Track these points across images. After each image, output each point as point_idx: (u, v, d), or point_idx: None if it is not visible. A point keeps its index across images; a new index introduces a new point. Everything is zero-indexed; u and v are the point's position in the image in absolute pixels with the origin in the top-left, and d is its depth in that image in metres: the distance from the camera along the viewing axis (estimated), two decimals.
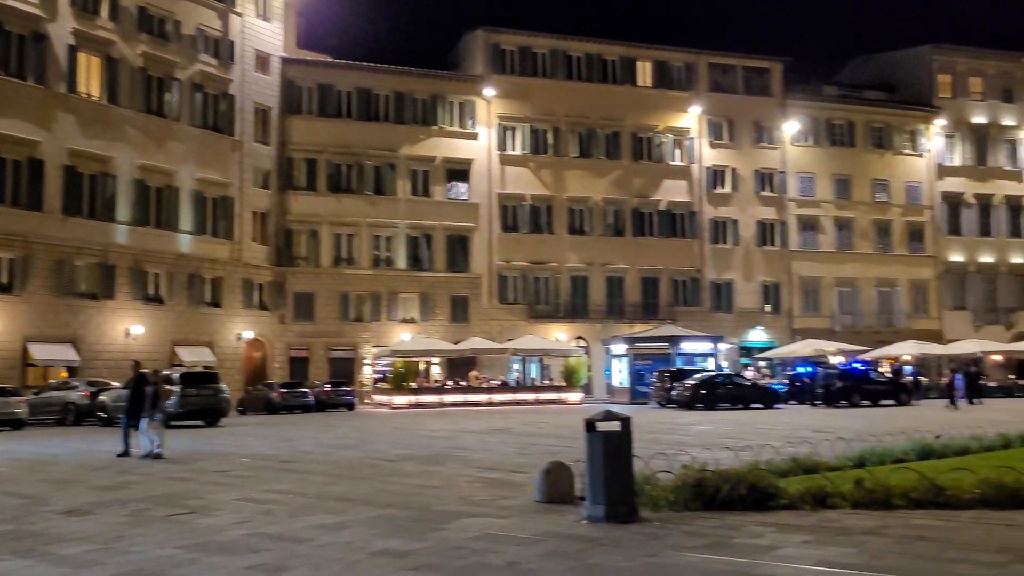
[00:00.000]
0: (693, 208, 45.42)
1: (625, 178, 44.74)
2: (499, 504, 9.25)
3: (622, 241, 44.32)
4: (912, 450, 12.74)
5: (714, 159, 46.09)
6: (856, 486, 8.97)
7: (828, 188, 47.65)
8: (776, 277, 46.19)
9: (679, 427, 21.76)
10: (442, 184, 42.83)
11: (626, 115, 44.95)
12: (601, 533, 7.46)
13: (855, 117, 48.53)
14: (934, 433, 15.06)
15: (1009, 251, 49.92)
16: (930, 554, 6.38)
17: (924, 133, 49.43)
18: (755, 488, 8.75)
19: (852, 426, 20.92)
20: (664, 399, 33.03)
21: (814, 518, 8.01)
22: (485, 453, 15.21)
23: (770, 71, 47.49)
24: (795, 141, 47.28)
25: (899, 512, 8.26)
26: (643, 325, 42.36)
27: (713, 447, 14.72)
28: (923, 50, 50.68)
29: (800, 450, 12.75)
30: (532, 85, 44.21)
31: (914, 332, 45.87)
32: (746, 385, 32.96)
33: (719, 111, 46.26)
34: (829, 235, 47.41)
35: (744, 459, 11.66)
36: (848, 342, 42.58)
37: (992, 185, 50.17)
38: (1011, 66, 51.17)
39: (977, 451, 13.31)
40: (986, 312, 48.96)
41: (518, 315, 42.66)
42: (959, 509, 8.29)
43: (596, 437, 8.22)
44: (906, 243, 48.56)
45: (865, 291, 47.40)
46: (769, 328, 45.52)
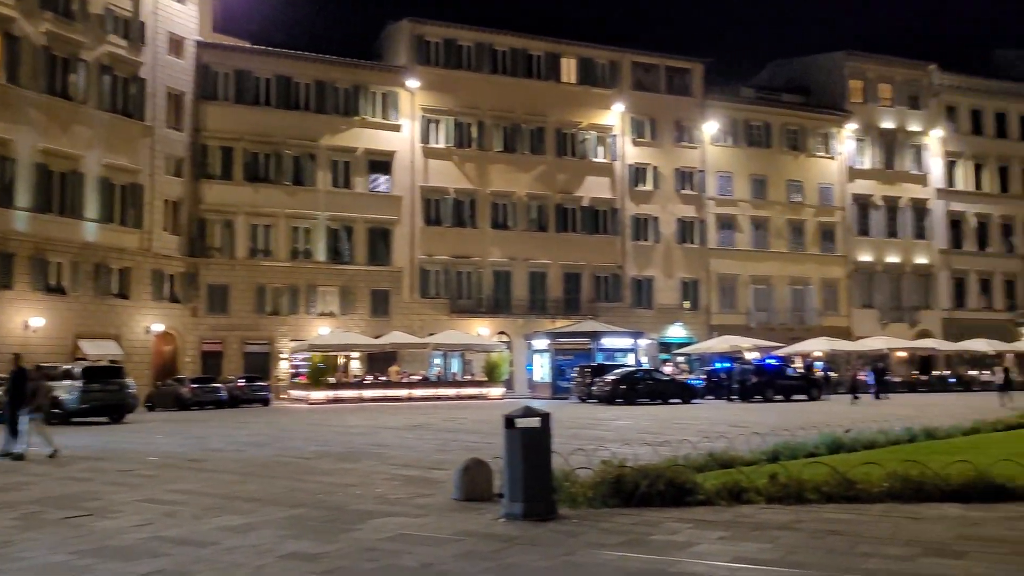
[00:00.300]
0: (615, 205, 45.86)
1: (549, 174, 44.87)
2: (416, 503, 9.04)
3: (545, 236, 44.44)
4: (823, 444, 12.99)
5: (636, 157, 46.62)
6: (770, 481, 9.06)
7: (745, 188, 48.78)
8: (695, 274, 47.07)
9: (599, 422, 21.88)
10: (364, 176, 42.11)
11: (550, 111, 45.07)
12: (519, 532, 7.32)
13: (772, 119, 49.79)
14: (844, 427, 15.44)
15: (913, 252, 52.06)
16: (842, 548, 6.43)
17: (836, 136, 51.06)
18: (673, 484, 8.75)
19: (766, 421, 21.37)
20: (585, 394, 33.24)
21: (730, 513, 8.04)
22: (403, 450, 14.94)
23: (691, 71, 48.29)
24: (714, 141, 48.24)
25: (812, 506, 8.37)
26: (565, 320, 42.60)
27: (632, 442, 14.80)
28: (836, 56, 52.35)
29: (717, 445, 12.87)
30: (457, 78, 43.88)
31: (825, 329, 47.35)
32: (665, 380, 33.48)
33: (642, 109, 46.81)
34: (746, 234, 48.55)
35: (662, 454, 11.74)
36: (763, 338, 43.65)
37: (899, 188, 52.20)
38: (918, 74, 53.31)
39: (884, 445, 13.67)
40: (892, 310, 50.96)
41: (440, 309, 42.33)
42: (869, 502, 8.44)
43: (515, 434, 8.08)
44: (818, 243, 50.10)
45: (779, 289, 48.75)
46: (688, 324, 46.37)
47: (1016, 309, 54.06)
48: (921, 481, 8.78)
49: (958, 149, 53.84)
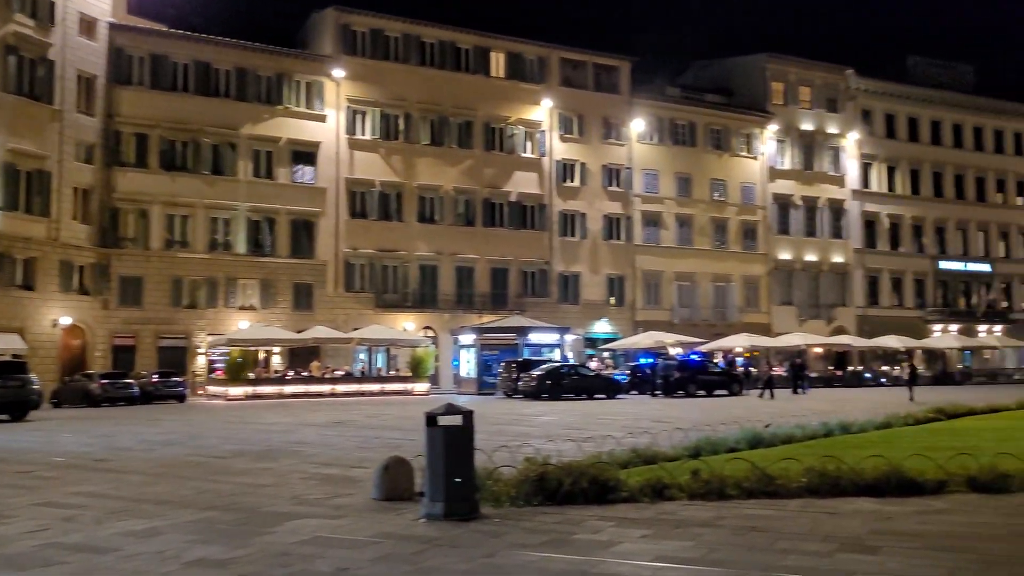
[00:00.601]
0: (543, 200, 45.93)
1: (476, 168, 44.63)
2: (334, 503, 8.75)
3: (472, 231, 44.21)
4: (744, 439, 13.14)
5: (564, 153, 46.78)
6: (693, 477, 9.07)
7: (671, 185, 49.46)
8: (621, 270, 47.53)
9: (524, 418, 21.81)
10: (287, 166, 41.10)
11: (479, 105, 44.82)
12: (439, 532, 7.12)
13: (696, 118, 50.61)
14: (764, 423, 15.71)
15: (830, 251, 53.69)
16: (762, 545, 6.43)
17: (758, 137, 52.21)
18: (596, 481, 8.68)
19: (689, 416, 21.62)
20: (511, 390, 33.20)
21: (653, 510, 8.00)
22: (324, 447, 14.56)
23: (619, 69, 48.68)
24: (641, 139, 48.76)
25: (733, 502, 8.40)
26: (491, 315, 42.50)
27: (557, 438, 14.75)
28: (758, 58, 53.54)
29: (640, 441, 12.94)
30: (384, 69, 43.23)
31: (746, 325, 48.45)
32: (590, 376, 33.69)
33: (570, 106, 46.99)
34: (671, 231, 49.25)
35: (587, 450, 11.68)
36: (686, 334, 44.38)
37: (817, 189, 53.73)
38: (836, 78, 54.94)
39: (802, 439, 13.91)
40: (809, 307, 52.46)
41: (365, 304, 41.67)
42: (788, 497, 8.52)
43: (436, 432, 7.87)
44: (740, 241, 51.18)
45: (703, 285, 49.63)
46: (613, 320, 46.82)
47: (925, 307, 56.34)
48: (837, 476, 8.91)
49: (873, 152, 55.73)
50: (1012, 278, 59.90)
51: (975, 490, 8.66)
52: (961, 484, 8.80)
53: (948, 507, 7.97)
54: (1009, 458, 9.42)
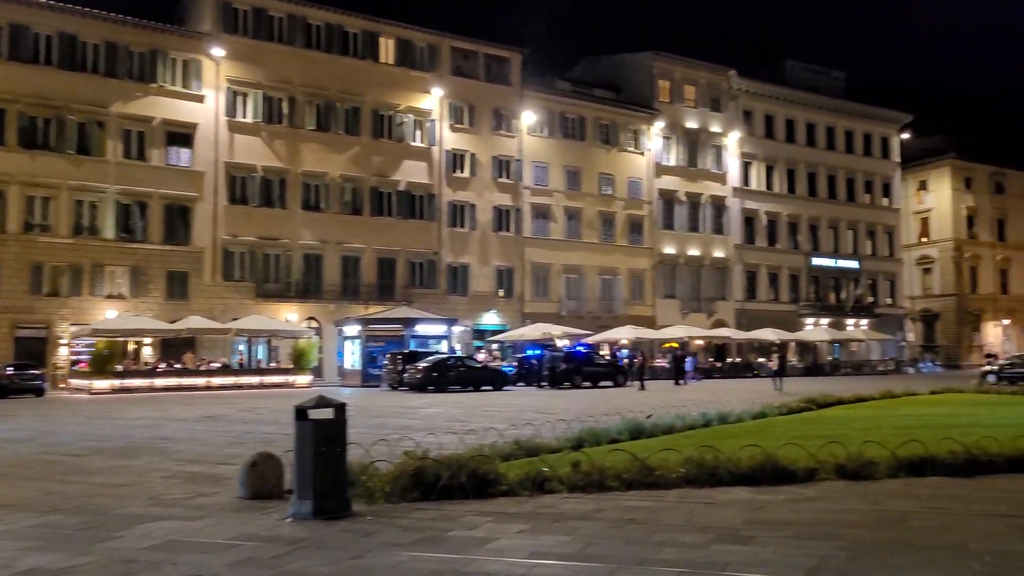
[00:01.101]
0: (432, 190, 45.35)
1: (364, 155, 43.60)
2: (195, 503, 8.17)
3: (359, 220, 43.19)
4: (626, 430, 13.22)
5: (454, 143, 46.33)
6: (573, 469, 8.98)
7: (560, 179, 49.80)
8: (510, 262, 47.52)
9: (408, 410, 21.41)
10: (161, 148, 38.96)
11: (367, 91, 43.78)
12: (306, 533, 6.71)
13: (586, 113, 51.13)
14: (646, 413, 15.88)
15: (712, 246, 55.37)
16: (639, 538, 6.35)
17: (645, 133, 53.23)
18: (475, 475, 8.45)
19: (574, 407, 21.77)
20: (396, 382, 32.66)
21: (532, 504, 7.85)
22: (191, 443, 13.77)
23: (510, 61, 48.59)
24: (531, 131, 48.85)
25: (613, 493, 8.35)
26: (378, 306, 41.68)
27: (439, 431, 14.48)
28: (645, 56, 54.57)
29: (524, 432, 12.82)
30: (267, 50, 41.59)
31: (631, 318, 49.40)
32: (477, 367, 33.50)
33: (460, 95, 46.56)
34: (560, 224, 49.61)
35: (469, 443, 11.52)
36: (574, 326, 44.85)
37: (701, 185, 55.27)
38: (719, 78, 56.63)
39: (682, 430, 14.13)
40: (692, 300, 53.97)
41: (244, 293, 40.04)
42: (667, 488, 8.54)
43: (306, 426, 7.45)
44: (627, 235, 52.07)
45: (590, 278, 50.24)
46: (502, 312, 46.78)
47: (799, 301, 58.95)
48: (715, 466, 8.98)
49: (753, 151, 57.80)
50: (877, 275, 63.45)
51: (843, 477, 8.90)
52: (830, 472, 9.03)
53: (818, 494, 8.12)
54: (874, 446, 9.73)
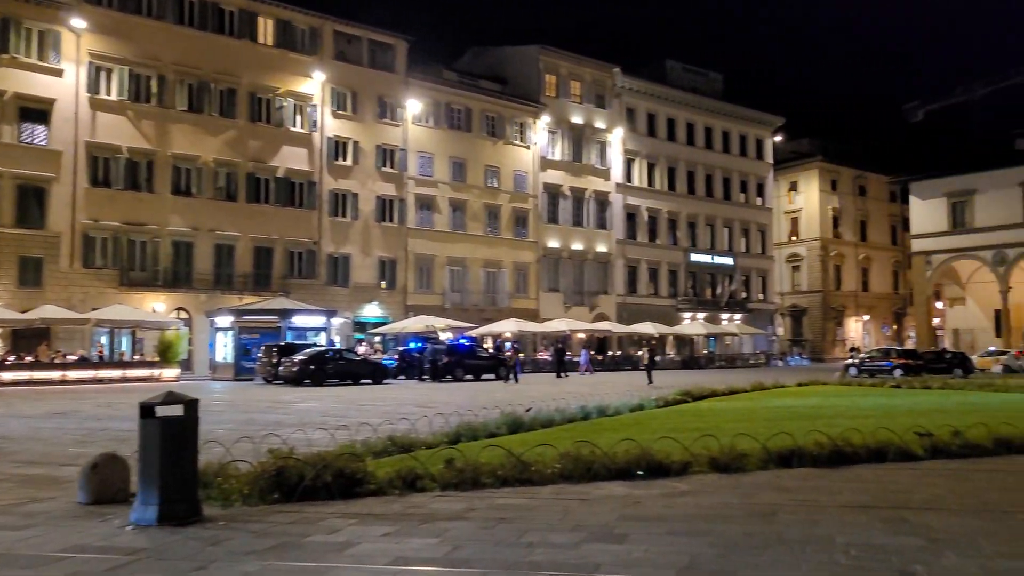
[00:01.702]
0: (313, 178, 43.89)
1: (240, 139, 41.73)
2: (25, 510, 7.33)
3: (234, 206, 41.32)
4: (504, 424, 13.05)
5: (336, 130, 45.01)
6: (447, 466, 8.65)
7: (445, 170, 49.25)
8: (393, 253, 46.63)
9: (280, 405, 20.55)
10: (12, 124, 35.97)
11: (244, 72, 41.92)
12: (147, 542, 6.07)
13: (472, 104, 50.76)
14: (525, 406, 15.72)
15: (595, 240, 56.15)
16: (510, 539, 6.06)
17: (531, 127, 53.35)
18: (342, 474, 7.99)
19: (454, 400, 21.43)
20: (271, 375, 31.44)
21: (401, 504, 7.46)
22: (33, 443, 12.61)
23: (395, 48, 47.61)
24: (416, 120, 48.06)
25: (487, 491, 8.07)
26: (254, 297, 40.04)
27: (311, 427, 13.88)
28: (532, 49, 54.71)
29: (400, 427, 12.49)
30: (134, 24, 39.15)
31: (515, 311, 49.49)
32: (356, 360, 32.64)
33: (343, 81, 45.27)
34: (444, 215, 49.07)
35: (340, 440, 11.09)
36: (457, 319, 44.51)
37: (585, 180, 55.92)
38: (604, 75, 57.42)
39: (561, 423, 14.05)
40: (574, 294, 54.57)
41: (107, 281, 37.61)
42: (542, 484, 8.34)
43: (152, 424, 6.79)
44: (512, 228, 52.08)
45: (474, 271, 49.97)
46: (384, 303, 45.87)
47: (677, 296, 60.60)
48: (591, 461, 8.82)
49: (635, 148, 58.94)
50: (751, 271, 66.04)
51: (716, 470, 8.92)
52: (704, 464, 9.04)
53: (692, 488, 8.07)
54: (746, 438, 9.81)
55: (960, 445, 10.15)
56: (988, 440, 10.34)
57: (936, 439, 10.24)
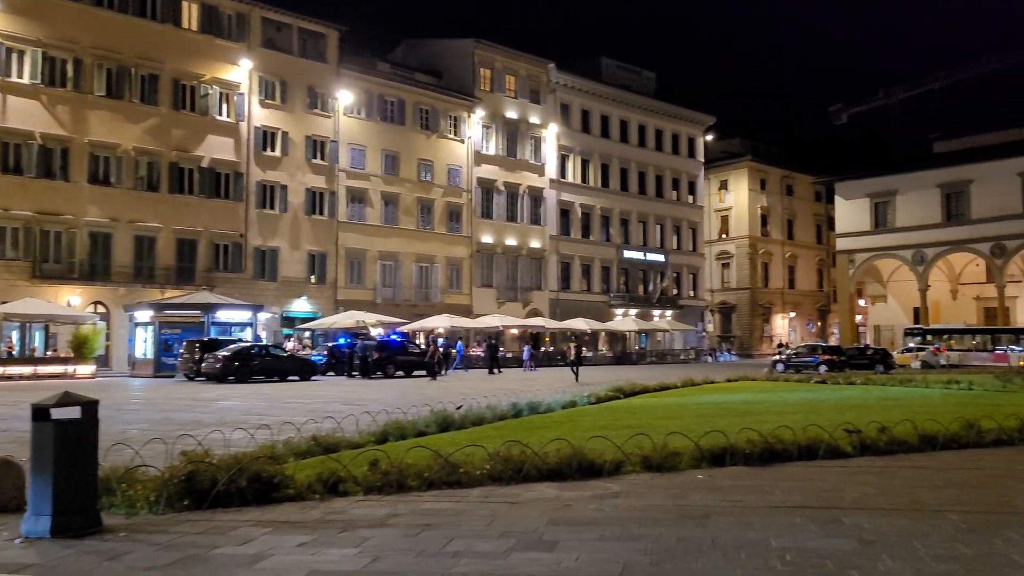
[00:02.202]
0: (239, 169, 42.56)
1: (163, 127, 40.18)
2: None
3: (156, 197, 39.79)
4: (434, 422, 12.83)
5: (265, 119, 43.73)
6: (371, 468, 8.29)
7: (378, 162, 48.40)
8: (323, 247, 45.59)
9: (200, 404, 19.74)
10: None
11: (167, 58, 40.36)
12: (38, 556, 5.57)
13: (406, 96, 50.01)
14: (456, 404, 15.38)
15: (529, 236, 56.01)
16: (435, 547, 5.74)
17: (465, 121, 52.86)
18: (258, 478, 7.54)
19: (383, 398, 20.99)
20: (193, 372, 30.35)
21: (322, 509, 7.07)
22: None
23: (326, 37, 46.51)
24: (348, 112, 47.08)
25: (413, 494, 7.75)
26: (176, 291, 38.65)
27: (231, 426, 13.27)
28: (466, 43, 54.23)
29: (325, 426, 12.06)
30: (48, 4, 37.23)
31: (448, 306, 49.02)
32: (283, 356, 31.74)
33: (272, 70, 44.01)
34: (376, 209, 48.23)
35: (261, 440, 10.56)
36: (389, 314, 43.84)
37: (519, 176, 55.73)
38: (538, 70, 57.30)
39: (492, 421, 13.83)
40: (508, 290, 54.37)
41: (18, 274, 35.75)
42: (471, 486, 8.06)
43: (46, 428, 6.26)
44: (445, 222, 51.53)
45: (406, 266, 49.27)
46: (314, 298, 44.82)
47: (610, 292, 60.95)
48: (521, 461, 8.56)
49: (569, 144, 59.01)
50: (682, 268, 66.88)
51: (649, 469, 8.76)
52: (636, 464, 8.90)
53: (624, 489, 7.88)
54: (678, 437, 9.68)
55: (887, 442, 10.21)
56: (914, 437, 10.41)
57: (864, 436, 10.27)
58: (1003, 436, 10.81)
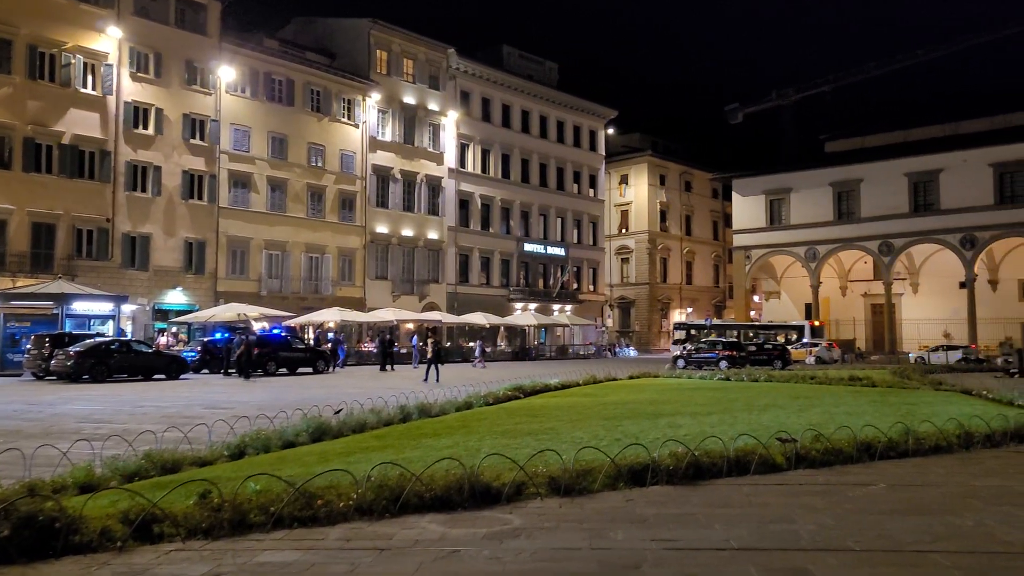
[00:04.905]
0: (107, 147, 38.63)
1: (17, 98, 35.93)
2: None
3: (8, 175, 35.44)
4: (306, 430, 11.27)
5: (136, 94, 39.94)
6: (200, 503, 6.34)
7: (264, 145, 45.18)
8: (202, 234, 42.10)
9: (36, 407, 17.05)
10: None
11: (22, 21, 36.15)
12: None
13: (295, 76, 46.98)
14: (336, 408, 13.77)
15: (427, 227, 53.91)
16: None
17: (360, 104, 50.25)
18: (31, 523, 5.54)
19: (257, 399, 18.97)
20: (42, 370, 27.02)
21: (115, 567, 5.28)
22: None
23: (207, 8, 42.86)
24: (231, 90, 43.71)
25: (253, 536, 5.94)
26: (32, 280, 34.62)
27: (60, 437, 11.03)
28: (362, 23, 51.61)
29: (171, 437, 10.11)
30: None
31: (339, 299, 46.43)
32: (148, 353, 28.64)
33: (146, 40, 40.26)
34: (262, 195, 45.01)
35: (77, 458, 8.54)
36: (275, 307, 41.02)
37: (417, 164, 53.52)
38: (438, 55, 55.22)
39: (376, 427, 12.52)
40: (404, 282, 52.15)
41: None
42: (331, 523, 6.28)
43: None
44: (337, 211, 48.81)
45: (295, 256, 46.30)
46: (190, 290, 41.36)
47: (509, 286, 59.55)
48: (400, 487, 6.80)
49: (470, 133, 57.19)
50: (582, 262, 66.14)
51: (556, 492, 7.27)
52: (542, 485, 7.39)
53: (527, 523, 6.28)
54: (589, 450, 8.42)
55: (822, 451, 9.05)
56: (850, 446, 9.29)
57: (799, 446, 9.06)
58: (941, 443, 9.93)
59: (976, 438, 10.12)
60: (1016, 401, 15.29)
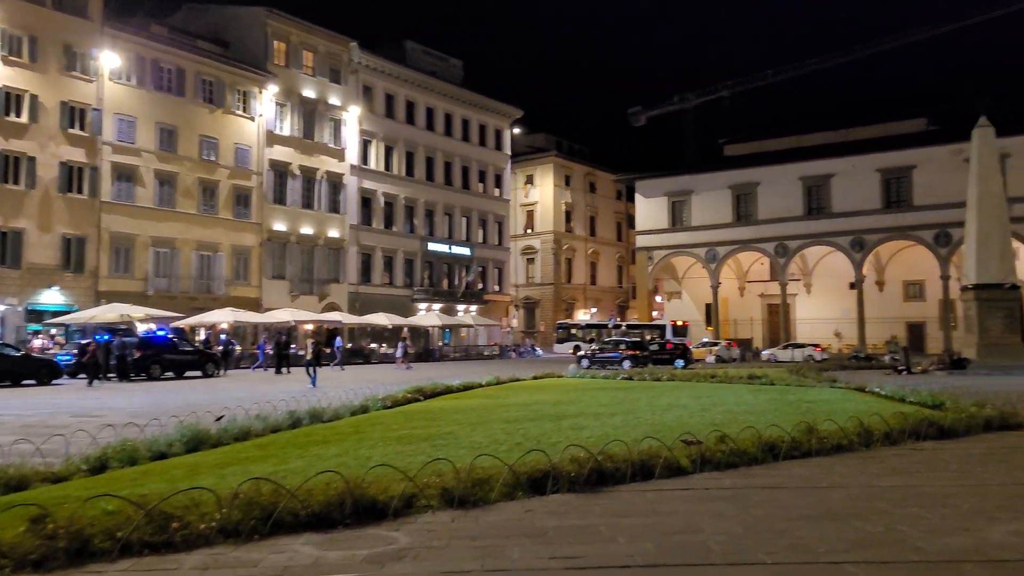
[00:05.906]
0: None
1: None
2: None
3: None
4: (180, 440, 10.34)
5: (8, 79, 37.09)
6: (31, 529, 5.49)
7: (151, 137, 42.84)
8: (82, 230, 39.49)
9: None
10: None
11: None
12: None
13: (186, 64, 44.75)
14: (216, 414, 12.82)
15: (327, 225, 52.37)
16: None
17: (256, 97, 48.34)
18: None
19: (133, 406, 17.67)
20: None
21: None
22: None
23: None
24: (115, 77, 41.26)
25: (92, 568, 5.12)
26: None
27: None
28: (258, 11, 49.68)
29: (22, 449, 9.12)
30: None
31: (233, 299, 44.50)
32: (15, 356, 26.49)
33: (18, 21, 37.44)
34: (149, 189, 42.65)
35: None
36: (162, 308, 38.84)
37: (317, 160, 51.92)
38: (340, 49, 53.76)
39: (262, 433, 11.46)
40: (303, 282, 50.51)
41: None
42: (188, 549, 5.53)
43: None
44: (232, 207, 46.76)
45: (185, 253, 44.07)
46: (69, 289, 38.71)
47: (413, 286, 58.55)
48: (273, 504, 6.06)
49: (372, 129, 55.92)
50: (487, 262, 65.71)
51: (449, 505, 6.69)
52: (434, 497, 6.81)
53: (414, 542, 5.67)
54: (486, 458, 7.88)
55: (728, 453, 8.74)
56: (755, 447, 9.03)
57: (704, 448, 8.74)
58: (843, 441, 9.82)
59: (876, 436, 10.07)
60: (908, 398, 15.53)
